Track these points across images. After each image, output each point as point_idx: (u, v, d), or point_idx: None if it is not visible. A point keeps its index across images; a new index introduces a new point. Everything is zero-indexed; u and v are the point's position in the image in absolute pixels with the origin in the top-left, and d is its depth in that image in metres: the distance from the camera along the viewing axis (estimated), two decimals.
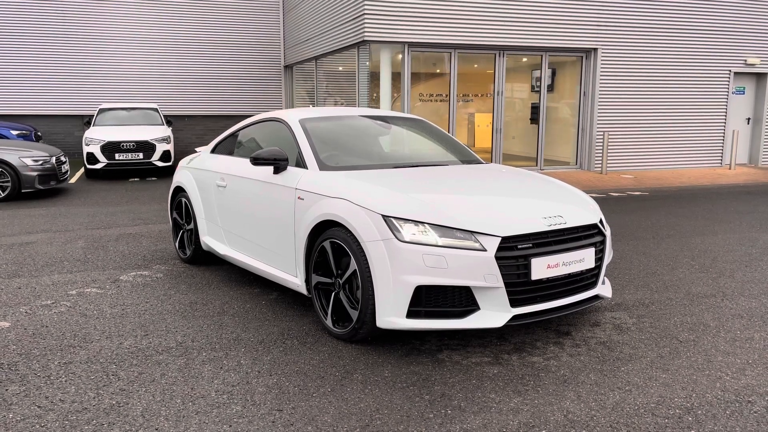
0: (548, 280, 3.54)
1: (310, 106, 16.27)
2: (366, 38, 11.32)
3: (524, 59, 13.44)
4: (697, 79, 13.74)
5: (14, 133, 13.45)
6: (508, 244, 3.43)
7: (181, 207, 5.75)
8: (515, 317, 3.46)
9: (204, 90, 17.90)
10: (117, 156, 12.00)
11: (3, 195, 9.22)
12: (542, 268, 3.49)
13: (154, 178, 12.29)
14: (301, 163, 4.33)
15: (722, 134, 14.22)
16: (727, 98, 14.07)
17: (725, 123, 14.18)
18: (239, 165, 4.91)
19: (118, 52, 17.12)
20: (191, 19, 17.58)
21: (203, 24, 17.68)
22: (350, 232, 3.62)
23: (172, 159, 12.54)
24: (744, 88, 14.54)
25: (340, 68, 14.85)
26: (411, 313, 3.42)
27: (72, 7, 16.67)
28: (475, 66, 13.80)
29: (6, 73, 16.40)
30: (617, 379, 3.28)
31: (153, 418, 2.86)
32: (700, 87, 13.81)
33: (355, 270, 3.57)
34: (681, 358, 3.55)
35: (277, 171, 4.37)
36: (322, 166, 4.23)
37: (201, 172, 5.44)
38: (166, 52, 17.48)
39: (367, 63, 12.43)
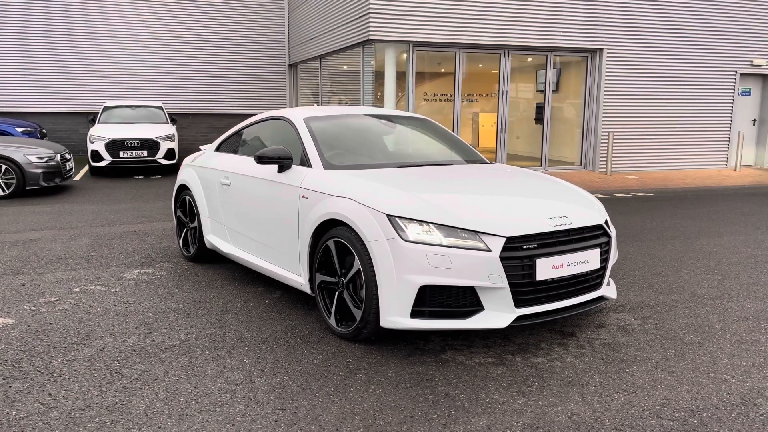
0: (553, 280, 3.53)
1: (315, 105, 16.26)
2: (371, 37, 11.31)
3: (529, 59, 13.41)
4: (702, 80, 13.69)
5: (19, 130, 13.47)
6: (513, 244, 3.42)
7: (185, 205, 5.75)
8: (520, 318, 3.45)
9: (208, 88, 17.92)
10: (121, 154, 12.01)
11: (7, 192, 9.24)
12: (547, 268, 3.47)
13: (158, 176, 12.30)
14: (305, 162, 4.32)
15: (728, 135, 14.17)
16: (732, 99, 14.01)
17: (731, 124, 14.12)
18: (243, 163, 4.91)
19: (122, 50, 17.15)
20: (196, 17, 17.60)
21: (208, 22, 17.70)
22: (354, 231, 3.60)
23: (177, 157, 12.55)
24: (750, 89, 14.48)
25: (345, 67, 14.84)
26: (415, 313, 3.40)
27: (76, 5, 16.69)
28: (480, 66, 13.77)
29: (11, 70, 16.44)
30: (622, 380, 3.26)
31: (156, 416, 2.86)
32: (706, 88, 13.76)
33: (359, 269, 3.56)
34: (686, 360, 3.53)
35: (281, 170, 4.36)
36: (327, 165, 4.21)
37: (205, 171, 5.44)
38: (170, 49, 17.50)
39: (372, 62, 12.41)
